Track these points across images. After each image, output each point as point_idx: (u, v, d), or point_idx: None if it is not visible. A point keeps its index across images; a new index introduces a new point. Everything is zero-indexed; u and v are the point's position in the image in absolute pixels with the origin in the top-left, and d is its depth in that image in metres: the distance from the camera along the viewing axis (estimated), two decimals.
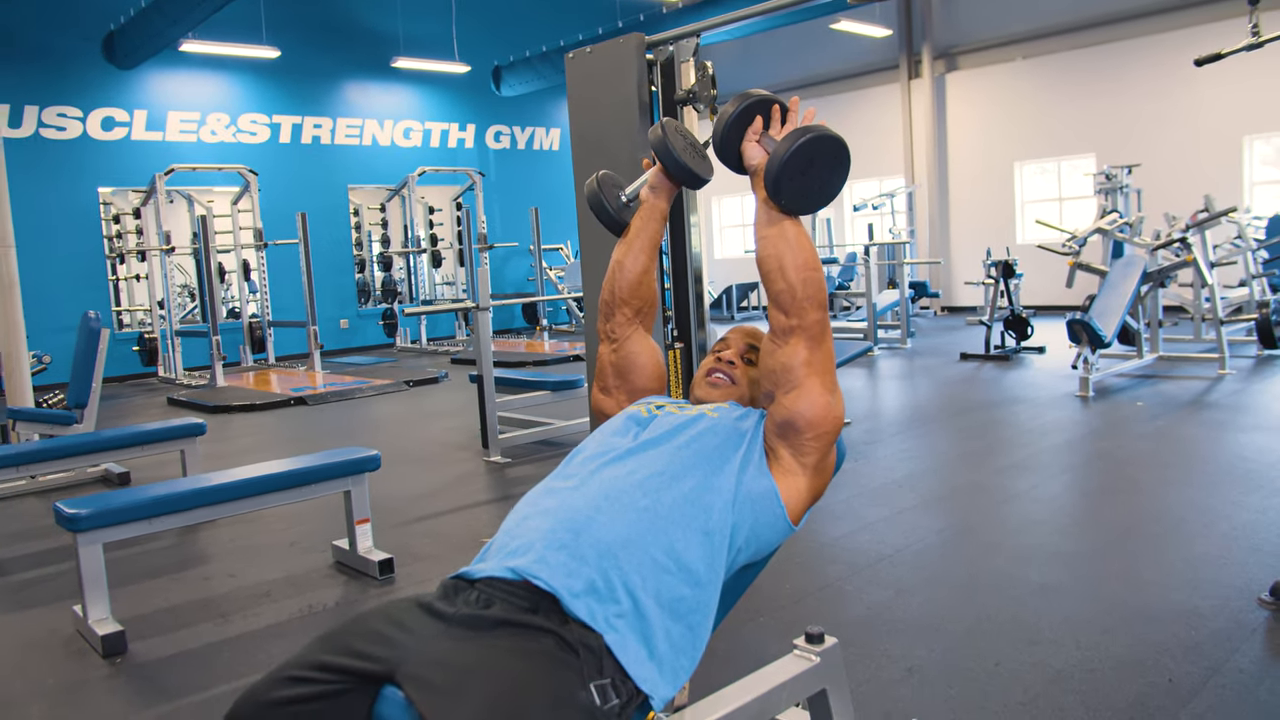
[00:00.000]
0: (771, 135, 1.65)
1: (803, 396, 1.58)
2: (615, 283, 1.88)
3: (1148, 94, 11.94)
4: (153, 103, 11.48)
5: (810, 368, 1.58)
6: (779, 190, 1.59)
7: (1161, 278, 7.38)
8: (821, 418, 1.58)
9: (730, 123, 1.66)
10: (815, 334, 1.59)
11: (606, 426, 1.75)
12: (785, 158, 1.56)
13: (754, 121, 1.68)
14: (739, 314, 15.35)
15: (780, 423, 1.60)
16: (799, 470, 1.61)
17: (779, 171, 1.57)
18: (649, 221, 1.88)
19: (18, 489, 5.26)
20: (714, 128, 1.68)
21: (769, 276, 1.61)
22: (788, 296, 1.58)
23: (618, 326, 1.89)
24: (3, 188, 5.85)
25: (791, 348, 1.59)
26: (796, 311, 1.58)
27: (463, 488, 4.90)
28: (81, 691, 2.68)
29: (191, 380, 10.21)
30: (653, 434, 1.63)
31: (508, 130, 14.85)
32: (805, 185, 1.59)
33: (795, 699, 1.97)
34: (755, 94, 1.67)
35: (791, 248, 1.59)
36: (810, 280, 1.58)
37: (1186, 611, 2.77)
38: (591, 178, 1.92)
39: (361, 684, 1.33)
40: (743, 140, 1.68)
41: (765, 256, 1.61)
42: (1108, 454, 4.94)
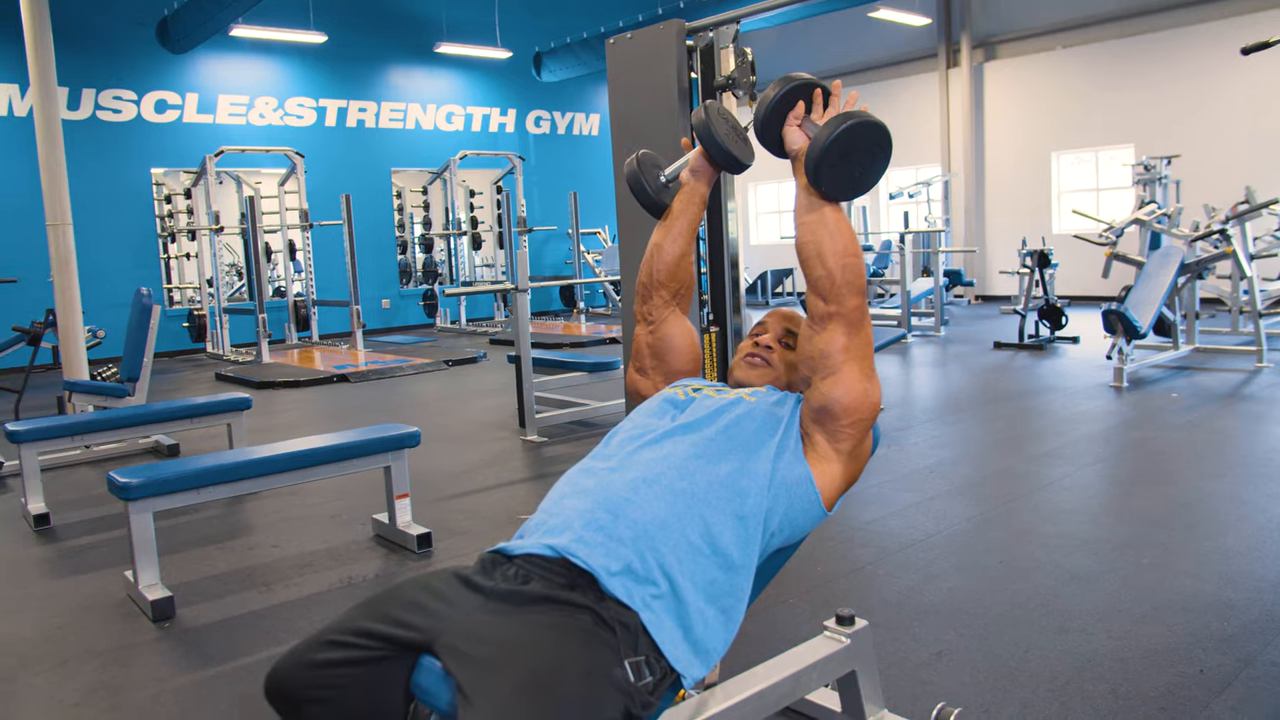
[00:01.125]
0: (813, 120, 1.64)
1: (840, 383, 1.58)
2: (653, 265, 1.89)
3: (1189, 84, 11.70)
4: (204, 86, 11.69)
5: (848, 354, 1.58)
6: (819, 176, 1.57)
7: (1200, 269, 7.26)
8: (858, 404, 1.59)
9: (772, 106, 1.64)
10: (854, 320, 1.58)
11: (643, 408, 1.77)
12: (827, 144, 1.55)
13: (796, 105, 1.66)
14: (774, 299, 15.29)
15: (817, 408, 1.60)
16: (834, 456, 1.62)
17: (820, 157, 1.56)
18: (689, 205, 1.88)
19: (73, 458, 5.43)
20: (755, 111, 1.66)
21: (808, 262, 1.60)
22: (826, 283, 1.58)
23: (655, 309, 1.90)
24: (61, 168, 6.01)
25: (829, 334, 1.59)
26: (835, 298, 1.58)
27: (499, 466, 4.98)
28: (132, 653, 2.78)
29: (238, 356, 10.42)
30: (690, 417, 1.65)
31: (548, 115, 14.91)
32: (846, 171, 1.58)
33: (825, 679, 2.00)
34: (797, 77, 1.65)
35: (831, 233, 1.58)
36: (849, 266, 1.57)
37: (1219, 603, 2.76)
38: (631, 157, 1.92)
39: (400, 652, 1.38)
40: (784, 124, 1.67)
41: (804, 242, 1.61)
42: (1141, 444, 4.89)
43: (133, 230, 11.21)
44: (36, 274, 8.43)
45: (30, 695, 2.53)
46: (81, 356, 6.06)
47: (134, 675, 2.62)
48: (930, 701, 2.13)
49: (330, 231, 11.77)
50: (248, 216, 10.10)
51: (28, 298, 9.43)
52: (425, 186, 13.92)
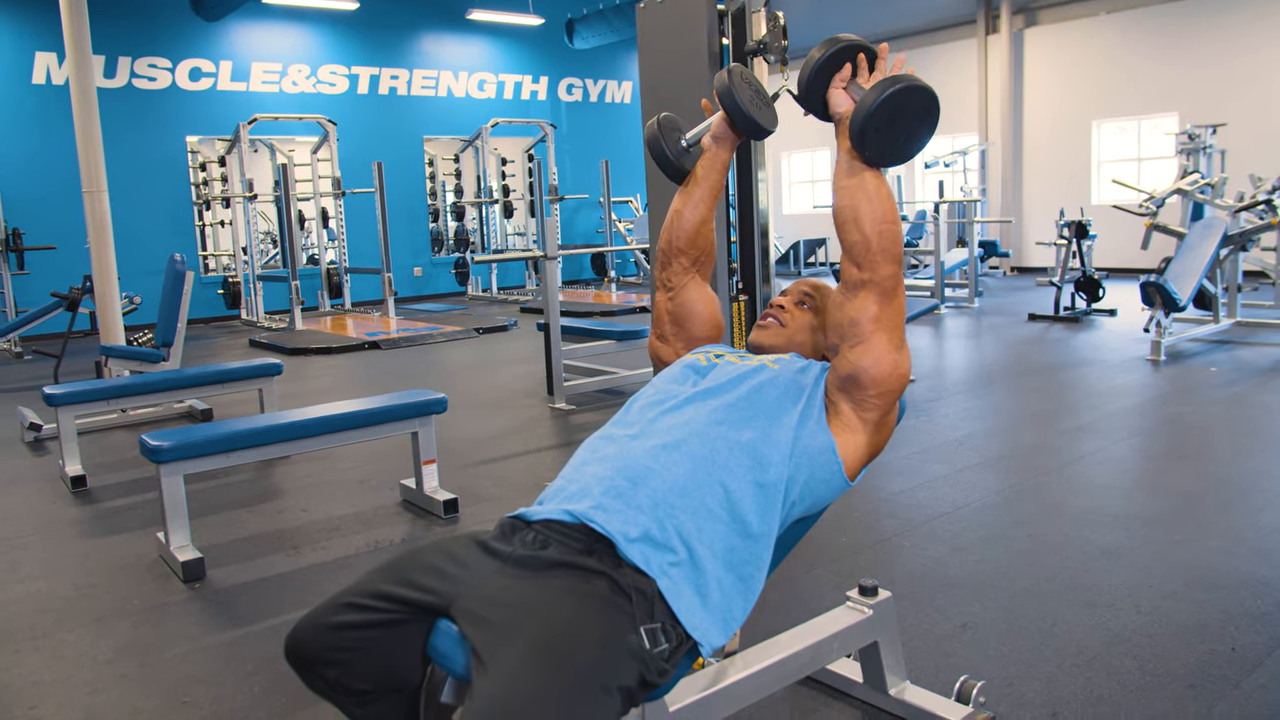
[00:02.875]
0: (859, 83, 1.59)
1: (869, 352, 1.55)
2: (673, 231, 1.87)
3: (1236, 50, 11.36)
4: (237, 54, 11.73)
5: (879, 323, 1.55)
6: (864, 140, 1.53)
7: (1243, 241, 7.09)
8: (887, 375, 1.56)
9: (818, 67, 1.59)
10: (887, 289, 1.55)
11: (665, 374, 1.76)
12: (872, 108, 1.50)
13: (842, 68, 1.61)
14: (806, 269, 15.17)
15: (844, 377, 1.58)
16: (859, 426, 1.59)
17: (864, 121, 1.51)
18: (710, 171, 1.85)
19: (109, 422, 5.52)
20: (801, 71, 1.61)
21: (844, 227, 1.57)
22: (861, 248, 1.55)
23: (674, 275, 1.88)
24: (96, 135, 6.06)
25: (861, 301, 1.56)
26: (870, 265, 1.54)
27: (527, 433, 4.99)
28: (163, 612, 2.83)
29: (272, 323, 10.53)
30: (712, 383, 1.63)
31: (580, 83, 14.82)
32: (891, 137, 1.53)
33: (846, 649, 1.99)
34: (845, 39, 1.60)
35: (870, 199, 1.55)
36: (886, 233, 1.54)
37: (1253, 580, 2.71)
38: (652, 120, 1.89)
39: (417, 615, 1.38)
40: (829, 86, 1.62)
41: (842, 206, 1.57)
42: (1178, 419, 4.81)
43: (168, 198, 11.32)
44: (74, 241, 8.56)
45: (65, 651, 2.59)
46: (118, 322, 6.14)
47: (164, 634, 2.67)
48: (954, 674, 2.11)
49: (363, 199, 11.81)
50: (281, 184, 10.15)
51: (66, 264, 9.59)
52: (457, 154, 13.90)
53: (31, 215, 10.02)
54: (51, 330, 8.98)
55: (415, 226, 13.32)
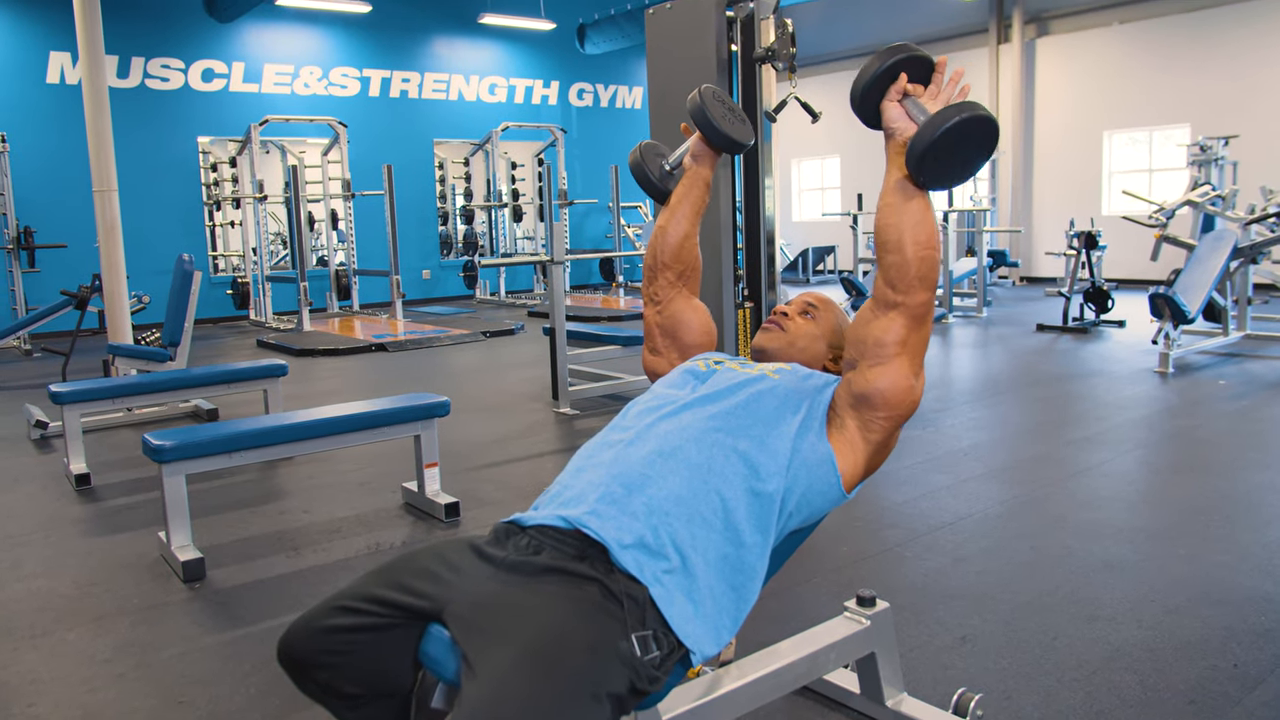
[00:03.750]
0: (917, 98, 1.55)
1: (887, 374, 1.54)
2: (658, 247, 1.90)
3: (1249, 62, 11.32)
4: (249, 55, 11.79)
5: (903, 348, 1.54)
6: (922, 166, 1.50)
7: (1254, 253, 7.05)
8: (900, 400, 1.55)
9: (875, 77, 1.56)
10: (919, 315, 1.54)
11: (664, 379, 1.76)
12: (936, 136, 1.46)
13: (899, 79, 1.57)
14: (814, 277, 15.15)
15: (857, 394, 1.56)
16: (861, 444, 1.58)
17: (926, 149, 1.47)
18: (691, 188, 1.89)
19: (115, 420, 5.54)
20: (858, 78, 1.58)
21: (885, 246, 1.54)
22: (899, 270, 1.52)
23: (660, 289, 1.92)
24: (108, 135, 6.10)
25: (889, 323, 1.54)
26: (905, 288, 1.52)
27: (531, 437, 4.99)
28: (162, 611, 2.84)
29: (280, 324, 10.57)
30: (710, 389, 1.62)
31: (590, 88, 14.85)
32: (949, 164, 1.51)
33: (843, 660, 1.98)
34: (906, 49, 1.56)
35: (915, 222, 1.52)
36: (927, 259, 1.52)
37: (1257, 597, 2.69)
38: (635, 148, 1.95)
39: (409, 619, 1.38)
40: (884, 97, 1.58)
41: (886, 225, 1.54)
42: (1185, 432, 4.78)
43: (179, 198, 11.37)
44: (85, 239, 8.59)
45: (64, 649, 2.59)
46: (126, 321, 6.17)
47: (163, 634, 2.68)
48: (952, 687, 2.10)
49: (372, 201, 11.85)
50: (291, 185, 10.20)
51: (76, 263, 9.63)
52: (467, 158, 13.94)
53: (43, 213, 10.07)
54: (60, 328, 9.03)
55: (424, 229, 13.35)
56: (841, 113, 9.80)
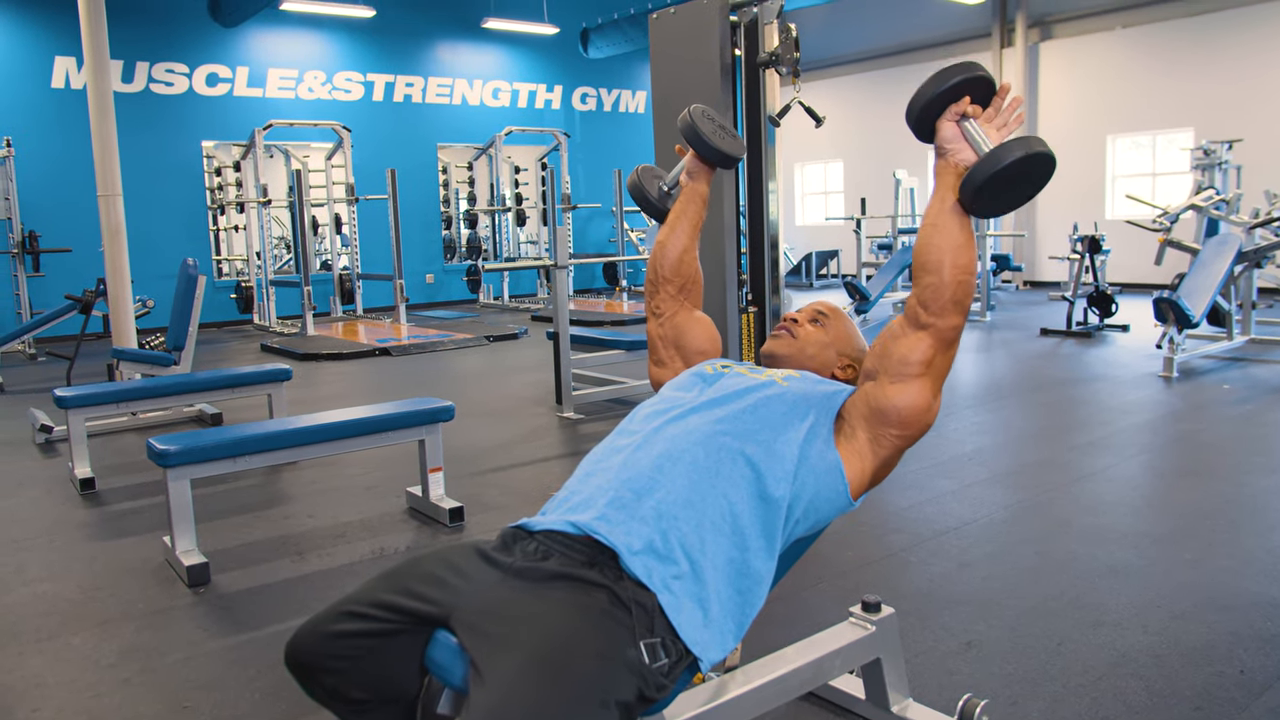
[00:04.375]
0: (974, 120, 1.54)
1: (907, 393, 1.54)
2: (658, 262, 1.95)
3: (1253, 66, 11.31)
4: (254, 60, 11.81)
5: (927, 369, 1.54)
6: (977, 197, 1.49)
7: (1258, 258, 7.04)
8: (915, 419, 1.56)
9: (938, 95, 1.55)
10: (948, 339, 1.54)
11: (672, 382, 1.76)
12: (997, 170, 1.45)
13: (961, 99, 1.56)
14: (818, 281, 15.15)
15: (874, 408, 1.57)
16: (869, 456, 1.58)
17: (985, 182, 1.47)
18: (689, 204, 1.95)
19: (119, 425, 5.55)
20: (921, 91, 1.56)
21: (925, 267, 1.53)
22: (935, 292, 1.52)
23: (662, 303, 1.96)
24: (112, 139, 6.11)
25: (918, 341, 1.54)
26: (939, 311, 1.52)
27: (535, 442, 4.99)
28: (167, 616, 2.84)
29: (284, 328, 10.58)
30: (718, 393, 1.63)
31: (594, 92, 14.86)
32: (1003, 196, 1.51)
33: (849, 666, 1.98)
34: (970, 69, 1.54)
35: (958, 245, 1.51)
36: (964, 284, 1.52)
37: (1263, 602, 2.68)
38: (633, 172, 2.03)
39: (416, 625, 1.38)
40: (942, 115, 1.57)
41: (929, 245, 1.53)
42: (1189, 436, 4.77)
43: (183, 202, 11.39)
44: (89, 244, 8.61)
45: (69, 654, 2.59)
46: (130, 325, 6.18)
47: (168, 638, 2.68)
48: (957, 692, 2.09)
49: (376, 206, 11.87)
50: (295, 190, 10.21)
51: (81, 267, 9.64)
52: (471, 162, 13.96)
53: (48, 218, 10.10)
54: (65, 333, 9.04)
55: (428, 233, 13.37)
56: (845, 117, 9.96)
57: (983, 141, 1.51)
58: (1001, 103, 1.55)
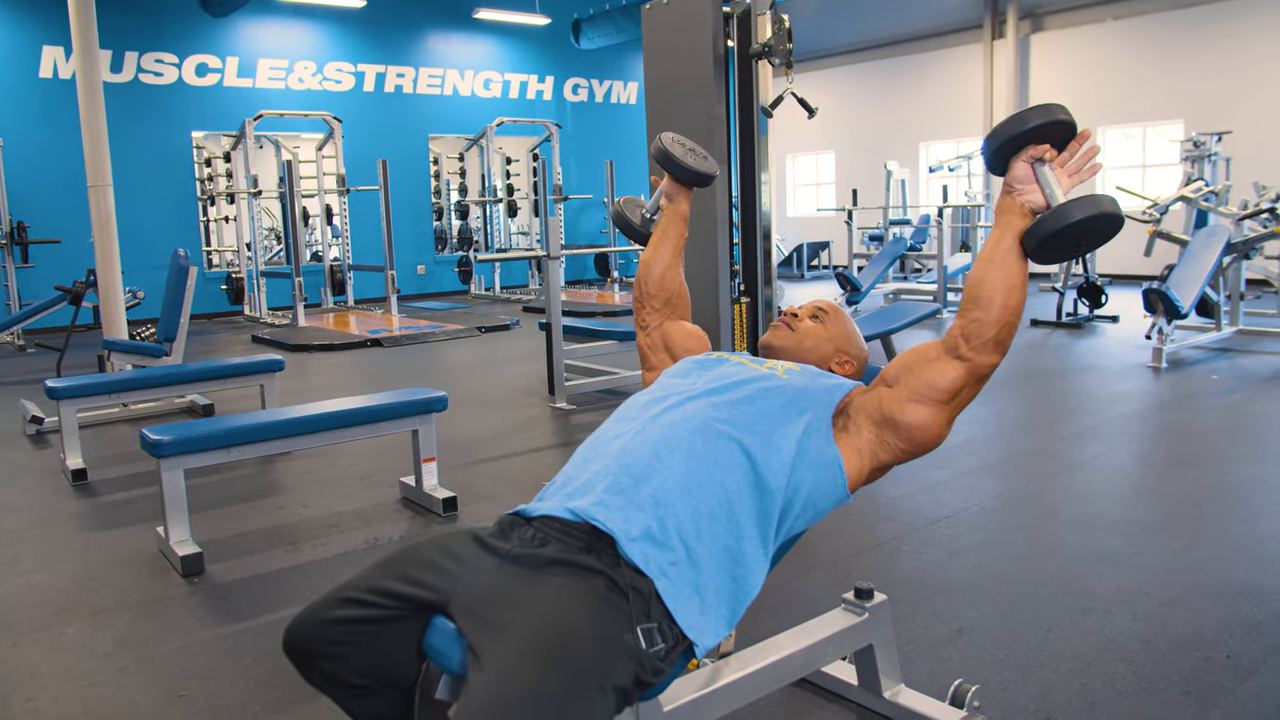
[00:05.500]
0: (1049, 163, 1.53)
1: (924, 414, 1.56)
2: (643, 280, 2.05)
3: (1242, 58, 11.37)
4: (244, 50, 11.75)
5: (951, 397, 1.56)
6: (1041, 247, 1.51)
7: (1246, 249, 7.08)
8: (924, 440, 1.58)
9: (1021, 134, 1.53)
10: (981, 375, 1.55)
11: (670, 370, 1.78)
12: (1066, 226, 1.46)
13: (1043, 144, 1.55)
14: (809, 272, 15.17)
15: (886, 416, 1.58)
16: (869, 456, 1.60)
17: (1052, 235, 1.48)
18: (669, 225, 2.06)
19: (111, 416, 5.53)
20: (1003, 127, 1.55)
21: (976, 300, 1.53)
22: (979, 328, 1.52)
23: (648, 316, 2.04)
24: (102, 130, 6.08)
25: (950, 370, 1.54)
26: (979, 347, 1.52)
27: (528, 432, 5.00)
28: (161, 606, 2.84)
29: (275, 319, 10.55)
30: (718, 382, 1.64)
31: (585, 83, 14.83)
32: (1066, 248, 1.52)
33: (841, 652, 2.00)
34: (1054, 112, 1.52)
35: (1012, 287, 1.52)
36: (1010, 325, 1.52)
37: (1250, 589, 2.71)
38: (615, 202, 2.14)
39: (414, 611, 1.39)
40: (1019, 153, 1.56)
41: (984, 280, 1.53)
42: (1177, 426, 4.81)
43: (173, 193, 11.34)
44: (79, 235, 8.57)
45: (64, 644, 2.59)
46: (121, 316, 6.16)
47: (163, 628, 2.68)
48: (948, 678, 2.11)
49: (367, 197, 11.83)
50: (285, 181, 10.17)
51: (70, 258, 9.60)
52: (462, 153, 13.92)
53: (37, 209, 10.04)
54: (55, 324, 9.00)
55: (419, 224, 13.33)
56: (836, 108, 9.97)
57: (1054, 190, 1.51)
58: (1078, 149, 1.54)
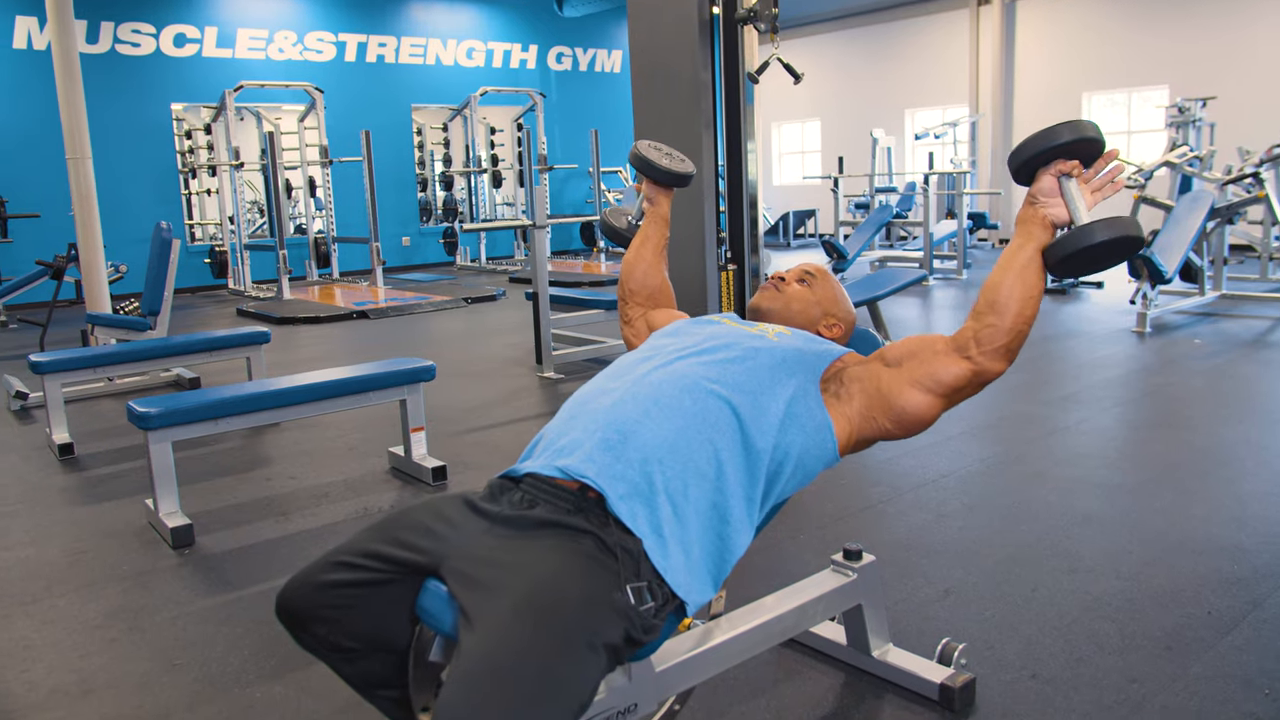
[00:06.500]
0: (1074, 178, 1.54)
1: (919, 401, 1.57)
2: (626, 278, 2.11)
3: (1226, 25, 11.36)
4: (223, 20, 11.57)
5: (949, 391, 1.57)
6: (1061, 263, 1.52)
7: (1230, 214, 7.12)
8: (912, 424, 1.59)
9: (1050, 149, 1.54)
10: (984, 380, 1.56)
11: (660, 330, 1.80)
12: (1088, 246, 1.48)
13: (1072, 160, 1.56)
14: (795, 240, 15.16)
15: (883, 394, 1.58)
16: (856, 425, 1.61)
17: (1073, 254, 1.50)
18: (651, 226, 2.13)
19: (96, 390, 5.51)
20: (1029, 144, 1.55)
21: (993, 306, 1.53)
22: (992, 334, 1.53)
23: (631, 311, 2.11)
24: (80, 101, 5.99)
25: (955, 368, 1.55)
26: (989, 353, 1.53)
27: (516, 401, 5.01)
28: (152, 577, 2.85)
29: (259, 293, 10.48)
30: (709, 342, 1.64)
31: (569, 52, 14.69)
32: (1085, 265, 1.54)
33: (831, 612, 2.02)
34: (1084, 130, 1.53)
35: (1029, 298, 1.53)
36: (1022, 334, 1.53)
37: (1230, 546, 2.75)
38: (602, 214, 2.29)
39: (406, 574, 1.40)
40: (1047, 166, 1.56)
41: (1000, 285, 1.53)
42: (1161, 390, 4.86)
43: (153, 166, 11.20)
44: (59, 209, 8.48)
45: (55, 616, 2.60)
46: (104, 290, 6.11)
47: (154, 599, 2.69)
48: (936, 637, 2.14)
49: (350, 168, 11.72)
50: (268, 153, 10.07)
51: (50, 232, 9.50)
52: (446, 123, 13.80)
53: (15, 182, 9.92)
54: (37, 299, 8.93)
55: (403, 196, 13.23)
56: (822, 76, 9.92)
57: (1078, 207, 1.53)
58: (1104, 166, 1.55)
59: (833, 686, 2.09)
